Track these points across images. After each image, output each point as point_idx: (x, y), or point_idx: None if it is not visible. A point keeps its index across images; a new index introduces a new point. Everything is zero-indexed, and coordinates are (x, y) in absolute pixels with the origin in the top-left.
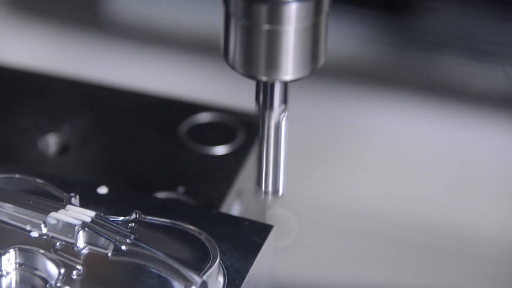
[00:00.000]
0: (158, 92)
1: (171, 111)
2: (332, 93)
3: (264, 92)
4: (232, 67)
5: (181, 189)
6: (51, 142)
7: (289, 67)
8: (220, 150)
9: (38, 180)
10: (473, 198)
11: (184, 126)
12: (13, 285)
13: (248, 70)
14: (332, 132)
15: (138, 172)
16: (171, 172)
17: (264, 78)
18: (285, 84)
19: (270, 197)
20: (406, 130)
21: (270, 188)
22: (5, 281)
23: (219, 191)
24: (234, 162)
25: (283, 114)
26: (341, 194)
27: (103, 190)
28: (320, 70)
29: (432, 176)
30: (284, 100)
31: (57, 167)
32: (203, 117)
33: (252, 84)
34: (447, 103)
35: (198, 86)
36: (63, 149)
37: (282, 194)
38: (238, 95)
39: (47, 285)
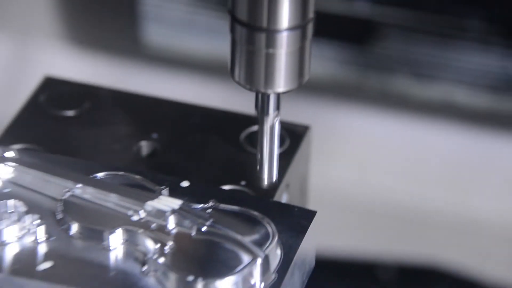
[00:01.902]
0: (216, 107)
1: (232, 122)
2: (310, 102)
3: (262, 102)
4: (238, 82)
5: (243, 182)
6: (143, 147)
7: (281, 81)
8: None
9: (136, 176)
10: (418, 182)
11: (244, 134)
12: (120, 257)
13: (250, 84)
14: (314, 132)
15: (211, 170)
16: (235, 170)
17: (262, 90)
18: (278, 95)
19: (266, 183)
20: (368, 132)
21: (267, 176)
22: (113, 254)
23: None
24: (282, 161)
25: (276, 118)
26: (324, 182)
27: (185, 184)
28: (304, 84)
29: (388, 166)
30: (277, 108)
31: (148, 166)
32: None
33: (252, 95)
34: (398, 111)
35: (217, 99)
36: (153, 153)
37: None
38: (243, 103)
39: (146, 257)
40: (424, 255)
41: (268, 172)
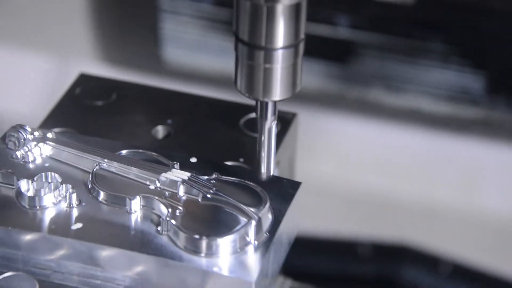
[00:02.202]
0: (221, 97)
1: (233, 110)
2: (301, 108)
3: (261, 108)
4: (240, 92)
5: (241, 159)
6: (160, 130)
7: (277, 91)
8: None
9: (154, 154)
10: (389, 175)
11: (243, 120)
12: (139, 219)
13: (251, 94)
14: (301, 136)
15: (215, 149)
16: (235, 149)
17: (261, 99)
18: (275, 103)
19: (265, 176)
20: (348, 134)
21: (265, 171)
22: (133, 216)
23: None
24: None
25: (273, 122)
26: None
27: (193, 160)
28: (296, 94)
29: (365, 161)
30: (274, 113)
31: (164, 146)
32: (254, 115)
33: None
34: (373, 117)
35: None
36: (167, 135)
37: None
38: None
39: (160, 219)
40: (395, 234)
41: (267, 167)
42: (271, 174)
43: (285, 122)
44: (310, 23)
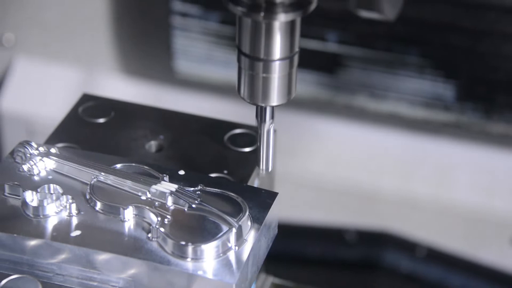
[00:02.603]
0: (210, 116)
1: (218, 127)
2: (295, 113)
3: (260, 112)
4: (242, 98)
5: (225, 171)
6: (153, 145)
7: (274, 97)
8: (247, 149)
9: (145, 167)
10: (372, 171)
11: (227, 136)
12: (132, 227)
13: (251, 99)
14: (296, 136)
15: (201, 162)
16: (220, 162)
17: (260, 104)
18: (272, 108)
19: (264, 172)
20: (336, 135)
21: (264, 167)
22: (127, 224)
23: (246, 173)
24: (254, 156)
25: (271, 125)
26: (302, 171)
27: (181, 172)
28: (291, 100)
29: (350, 159)
30: (272, 117)
31: (155, 160)
32: (237, 131)
33: (252, 107)
34: (358, 120)
35: (228, 111)
36: (159, 149)
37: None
38: (246, 113)
39: (151, 227)
40: (377, 223)
41: (265, 164)
42: (270, 169)
43: None
44: (303, 38)
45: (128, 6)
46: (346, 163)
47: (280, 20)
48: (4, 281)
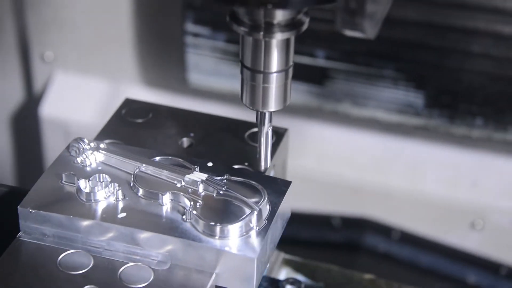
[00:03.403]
0: (228, 116)
1: (239, 126)
2: (289, 118)
3: (260, 117)
4: (245, 105)
5: (246, 163)
6: (185, 141)
7: (272, 104)
8: None
9: (180, 159)
10: (355, 167)
11: (247, 133)
12: (169, 210)
13: (253, 106)
14: (290, 137)
15: (226, 156)
16: (241, 156)
17: (260, 110)
18: (270, 113)
19: (263, 168)
20: (324, 137)
21: (263, 163)
22: (164, 208)
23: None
24: (271, 149)
25: (269, 128)
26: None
27: (210, 164)
28: (286, 107)
29: (337, 157)
30: (270, 120)
31: (187, 153)
32: (255, 129)
33: (253, 112)
34: (343, 124)
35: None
36: (190, 145)
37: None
38: (248, 116)
39: (185, 210)
40: (359, 210)
41: (264, 161)
42: (268, 166)
43: (279, 135)
44: (296, 54)
45: (148, 27)
46: (332, 160)
47: (277, 38)
48: (62, 255)
